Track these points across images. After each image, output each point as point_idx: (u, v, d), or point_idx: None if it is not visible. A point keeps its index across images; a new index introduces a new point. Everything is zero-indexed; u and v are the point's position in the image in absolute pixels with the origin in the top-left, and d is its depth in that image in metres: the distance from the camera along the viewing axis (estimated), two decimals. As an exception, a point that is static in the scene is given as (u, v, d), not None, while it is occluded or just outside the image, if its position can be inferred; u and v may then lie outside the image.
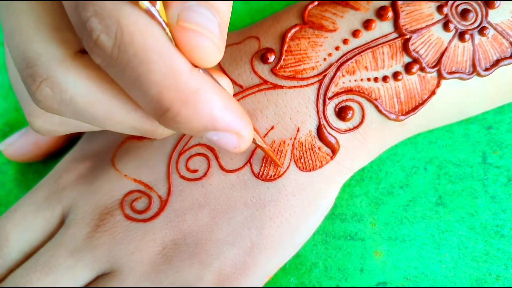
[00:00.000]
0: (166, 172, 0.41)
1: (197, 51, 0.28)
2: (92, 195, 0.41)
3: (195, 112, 0.29)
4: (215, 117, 0.30)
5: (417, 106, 0.40)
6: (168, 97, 0.28)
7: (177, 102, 0.28)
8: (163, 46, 0.27)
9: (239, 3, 0.50)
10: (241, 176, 0.40)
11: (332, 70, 0.40)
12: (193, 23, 0.28)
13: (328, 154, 0.41)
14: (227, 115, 0.30)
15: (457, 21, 0.40)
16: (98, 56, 0.28)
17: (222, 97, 0.30)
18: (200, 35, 0.28)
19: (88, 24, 0.27)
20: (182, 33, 0.28)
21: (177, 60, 0.28)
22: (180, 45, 0.28)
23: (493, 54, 0.40)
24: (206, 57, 0.29)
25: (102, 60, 0.28)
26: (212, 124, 0.30)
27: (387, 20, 0.40)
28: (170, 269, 0.39)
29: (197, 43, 0.28)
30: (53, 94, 0.30)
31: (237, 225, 0.40)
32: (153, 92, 0.28)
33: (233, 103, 0.31)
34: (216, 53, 0.29)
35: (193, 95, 0.28)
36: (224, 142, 0.32)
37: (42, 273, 0.39)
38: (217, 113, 0.30)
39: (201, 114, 0.29)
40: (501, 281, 0.42)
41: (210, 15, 0.28)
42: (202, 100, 0.29)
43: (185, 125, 0.30)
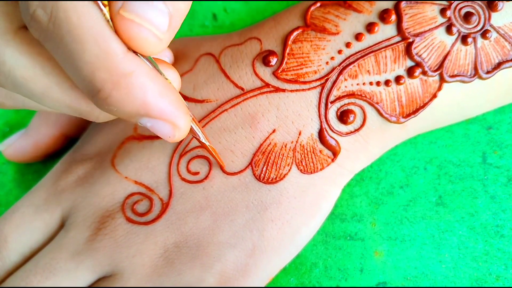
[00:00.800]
0: (167, 174, 0.41)
1: (134, 41, 0.28)
2: (93, 198, 0.41)
3: (127, 95, 0.29)
4: (148, 103, 0.30)
5: (418, 109, 0.40)
6: (99, 78, 0.28)
7: (108, 83, 0.29)
8: (98, 27, 0.28)
9: (239, 3, 0.50)
10: (243, 179, 0.40)
11: (334, 74, 0.40)
12: (133, 14, 0.28)
13: (329, 157, 0.41)
14: (161, 103, 0.31)
15: (460, 24, 0.40)
16: (35, 30, 0.28)
17: (158, 84, 0.30)
18: (138, 26, 0.28)
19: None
20: (120, 22, 0.28)
21: (111, 42, 0.28)
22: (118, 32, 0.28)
23: (495, 57, 0.40)
24: (145, 47, 0.29)
25: (39, 34, 0.28)
26: (145, 110, 0.30)
27: (390, 24, 0.40)
28: (172, 272, 0.39)
29: (134, 34, 0.28)
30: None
31: (239, 228, 0.40)
32: (85, 72, 0.28)
33: (169, 91, 0.31)
34: (157, 44, 0.29)
35: (125, 78, 0.29)
36: (158, 130, 0.32)
37: (42, 276, 0.39)
38: (150, 99, 0.30)
39: (133, 98, 0.29)
40: (501, 281, 0.42)
41: (159, 5, 0.28)
42: (134, 84, 0.29)
43: (117, 108, 0.30)
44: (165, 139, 0.33)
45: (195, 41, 0.46)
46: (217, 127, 0.41)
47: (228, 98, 0.41)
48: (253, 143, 0.41)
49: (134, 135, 0.42)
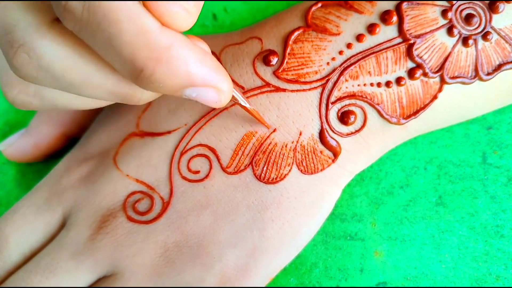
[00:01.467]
0: (168, 172, 0.41)
1: (166, 16, 0.29)
2: (94, 197, 0.41)
3: (170, 69, 0.29)
4: (191, 73, 0.30)
5: (418, 110, 0.40)
6: (141, 56, 0.29)
7: (150, 60, 0.29)
8: (132, 6, 0.28)
9: (239, 3, 0.50)
10: (243, 178, 0.40)
11: (335, 75, 0.40)
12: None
13: (329, 157, 0.41)
14: (204, 70, 0.31)
15: (461, 26, 0.40)
16: (70, 21, 0.28)
17: (197, 52, 0.30)
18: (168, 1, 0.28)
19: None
20: None
21: (146, 20, 0.28)
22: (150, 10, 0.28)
23: (496, 59, 0.40)
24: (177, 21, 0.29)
25: (74, 25, 0.28)
26: (189, 80, 0.30)
27: (392, 25, 0.40)
28: (172, 272, 0.39)
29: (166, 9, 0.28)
30: (30, 60, 0.30)
31: (239, 227, 0.40)
32: (125, 53, 0.29)
33: (208, 57, 0.31)
34: (187, 18, 0.29)
35: (165, 52, 0.29)
36: (203, 98, 0.32)
37: (43, 276, 0.39)
38: (192, 69, 0.30)
39: (176, 70, 0.30)
40: (501, 281, 0.42)
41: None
42: (175, 56, 0.29)
43: (162, 83, 0.30)
44: (212, 105, 0.33)
45: None
46: (218, 126, 0.41)
47: (228, 97, 0.41)
48: (253, 142, 0.41)
49: (136, 132, 0.42)
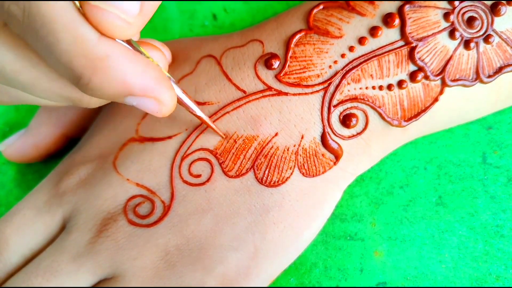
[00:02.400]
0: (169, 176, 0.41)
1: (102, 26, 0.29)
2: (94, 200, 0.41)
3: (107, 78, 0.30)
4: (128, 83, 0.31)
5: (419, 112, 0.40)
6: (78, 65, 0.29)
7: (87, 69, 0.29)
8: (69, 16, 0.28)
9: (239, 3, 0.50)
10: (245, 182, 0.40)
11: (337, 78, 0.40)
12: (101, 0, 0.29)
13: (331, 160, 0.41)
14: (142, 80, 0.31)
15: (463, 29, 0.40)
16: (14, 26, 0.29)
17: (137, 63, 0.31)
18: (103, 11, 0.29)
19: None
20: (87, 9, 0.29)
21: (83, 29, 0.29)
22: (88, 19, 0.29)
23: (497, 62, 0.40)
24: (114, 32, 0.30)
25: (18, 29, 0.29)
26: (127, 89, 0.31)
27: (394, 28, 0.40)
28: (173, 275, 0.39)
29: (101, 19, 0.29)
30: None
31: (241, 230, 0.40)
32: (63, 60, 0.29)
33: (150, 68, 0.32)
34: (126, 28, 0.30)
35: (101, 61, 0.30)
36: (143, 107, 0.33)
37: (43, 278, 0.39)
38: (130, 79, 0.31)
39: (113, 80, 0.30)
40: (501, 281, 0.42)
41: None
42: (112, 66, 0.30)
43: (100, 91, 0.31)
44: (154, 114, 0.34)
45: (195, 42, 0.46)
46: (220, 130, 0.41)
47: (230, 101, 0.41)
48: (255, 146, 0.40)
49: (135, 137, 0.42)
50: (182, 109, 0.40)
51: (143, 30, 0.51)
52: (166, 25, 0.53)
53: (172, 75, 0.43)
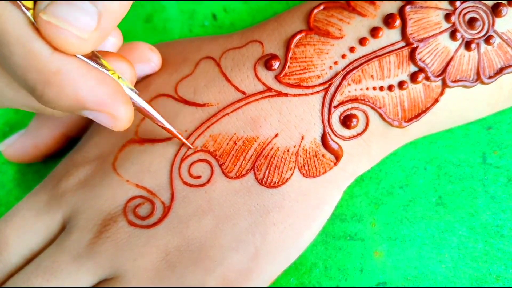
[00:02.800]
0: (168, 178, 0.41)
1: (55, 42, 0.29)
2: (94, 201, 0.41)
3: (59, 92, 0.30)
4: (81, 98, 0.31)
5: (420, 113, 0.40)
6: (30, 78, 0.30)
7: (39, 83, 0.30)
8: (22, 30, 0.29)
9: (239, 3, 0.50)
10: (245, 183, 0.40)
11: (338, 79, 0.40)
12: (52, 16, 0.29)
13: (332, 161, 0.41)
14: (95, 95, 0.32)
15: (464, 30, 0.40)
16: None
17: (90, 78, 0.31)
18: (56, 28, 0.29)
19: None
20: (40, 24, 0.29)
21: (35, 43, 0.29)
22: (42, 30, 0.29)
23: (498, 63, 0.40)
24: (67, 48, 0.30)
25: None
26: (80, 104, 0.31)
27: (395, 28, 0.40)
28: (174, 276, 0.39)
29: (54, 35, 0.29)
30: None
31: (241, 231, 0.40)
32: (18, 73, 0.30)
33: (104, 82, 0.32)
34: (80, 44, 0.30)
35: (54, 76, 0.30)
36: (99, 121, 0.33)
37: (43, 278, 0.39)
38: (82, 94, 0.31)
39: (65, 94, 0.31)
40: (501, 281, 0.42)
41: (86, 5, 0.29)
42: (64, 81, 0.30)
43: (54, 104, 0.31)
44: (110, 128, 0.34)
45: (194, 44, 0.46)
46: (219, 131, 0.41)
47: (229, 102, 0.41)
48: (255, 147, 0.40)
49: (135, 138, 0.42)
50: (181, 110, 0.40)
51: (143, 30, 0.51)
52: (165, 25, 0.52)
53: (171, 77, 0.43)
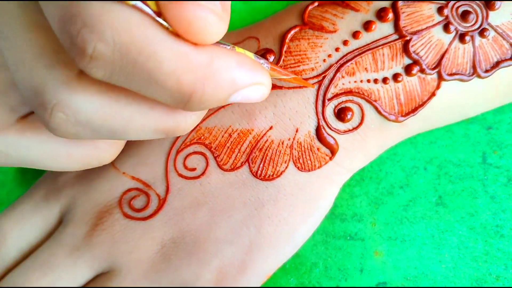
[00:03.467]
0: (164, 170, 0.41)
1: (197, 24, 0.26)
2: (91, 193, 0.41)
3: (217, 82, 0.28)
4: (236, 79, 0.29)
5: (417, 107, 0.40)
6: (188, 81, 0.27)
7: (198, 81, 0.28)
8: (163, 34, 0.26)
9: (239, 3, 0.50)
10: (240, 175, 0.41)
11: (331, 71, 0.40)
12: None
13: (327, 155, 0.41)
14: (244, 71, 0.30)
15: (457, 22, 0.40)
16: (98, 70, 0.27)
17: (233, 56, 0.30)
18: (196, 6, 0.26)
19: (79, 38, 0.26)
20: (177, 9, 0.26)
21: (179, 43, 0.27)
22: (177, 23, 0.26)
23: (494, 56, 0.40)
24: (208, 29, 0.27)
25: (104, 72, 0.27)
26: (236, 86, 0.30)
27: (388, 22, 0.40)
28: (169, 268, 0.39)
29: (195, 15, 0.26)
30: (67, 118, 0.29)
31: (236, 224, 0.40)
32: (171, 82, 0.27)
33: (242, 56, 0.30)
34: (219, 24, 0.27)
35: (208, 68, 0.28)
36: (249, 98, 0.31)
37: (41, 272, 0.39)
38: (236, 75, 0.29)
39: (223, 81, 0.29)
40: (501, 281, 0.42)
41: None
42: (219, 69, 0.28)
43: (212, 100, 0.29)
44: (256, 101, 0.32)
45: None
46: (214, 124, 0.41)
47: (225, 96, 0.41)
48: (250, 140, 0.41)
49: None
50: None
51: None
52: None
53: None
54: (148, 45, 0.26)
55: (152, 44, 0.26)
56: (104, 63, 0.26)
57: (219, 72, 0.28)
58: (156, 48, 0.26)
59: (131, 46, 0.26)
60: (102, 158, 0.36)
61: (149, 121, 0.31)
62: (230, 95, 0.30)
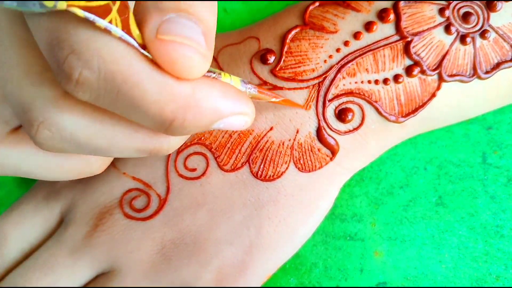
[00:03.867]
0: (164, 170, 0.41)
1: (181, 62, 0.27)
2: (91, 194, 0.41)
3: (199, 111, 0.29)
4: (219, 108, 0.30)
5: (417, 108, 0.40)
6: (169, 110, 0.28)
7: (179, 110, 0.28)
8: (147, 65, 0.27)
9: (239, 3, 0.50)
10: (240, 176, 0.41)
11: (332, 72, 0.40)
12: (173, 35, 0.27)
13: (327, 155, 0.41)
14: (228, 102, 0.31)
15: (458, 24, 0.40)
16: (84, 94, 0.28)
17: (217, 85, 0.30)
18: (181, 45, 0.27)
19: (66, 64, 0.27)
20: (162, 47, 0.27)
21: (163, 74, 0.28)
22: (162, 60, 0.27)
23: (494, 57, 0.40)
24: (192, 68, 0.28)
25: (90, 95, 0.28)
26: (218, 115, 0.30)
27: (389, 23, 0.40)
28: (169, 269, 0.39)
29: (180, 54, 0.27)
30: (52, 135, 0.30)
31: (236, 225, 0.40)
32: (153, 111, 0.28)
33: (227, 87, 0.31)
34: (202, 62, 0.28)
35: (191, 97, 0.28)
36: (231, 126, 0.32)
37: (41, 272, 0.39)
38: (219, 104, 0.30)
39: (206, 111, 0.29)
40: (501, 281, 0.42)
41: (192, 25, 0.28)
42: (202, 98, 0.29)
43: (193, 127, 0.30)
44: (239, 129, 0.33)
45: None
46: None
47: (226, 96, 0.41)
48: (250, 140, 0.41)
49: None
50: None
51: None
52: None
53: None
54: (133, 75, 0.27)
55: (136, 75, 0.27)
56: (90, 89, 0.27)
57: (201, 102, 0.29)
58: (139, 78, 0.27)
59: (116, 74, 0.27)
60: (93, 169, 0.36)
61: (132, 142, 0.32)
62: (213, 123, 0.31)
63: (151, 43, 0.27)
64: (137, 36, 0.27)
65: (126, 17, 0.27)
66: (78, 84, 0.27)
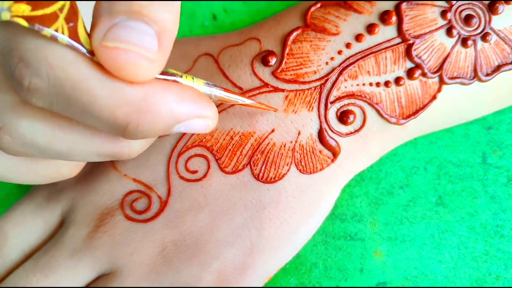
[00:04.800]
0: (165, 172, 0.41)
1: (125, 69, 0.27)
2: (92, 195, 0.41)
3: (154, 115, 0.29)
4: (175, 112, 0.30)
5: (417, 110, 0.40)
6: (122, 114, 0.28)
7: (132, 114, 0.28)
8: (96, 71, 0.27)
9: (239, 3, 0.50)
10: (241, 178, 0.41)
11: (334, 75, 0.40)
12: (117, 41, 0.27)
13: (329, 157, 0.41)
14: (185, 105, 0.30)
15: (460, 26, 0.40)
16: (37, 100, 0.28)
17: (174, 88, 0.30)
18: (125, 52, 0.27)
19: (17, 71, 0.27)
20: (106, 54, 0.27)
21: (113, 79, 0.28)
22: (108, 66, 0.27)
23: (495, 60, 0.41)
24: (137, 73, 0.28)
25: (43, 102, 0.28)
26: (175, 119, 0.30)
27: (391, 25, 0.40)
28: (170, 270, 0.39)
29: (124, 60, 0.27)
30: (13, 140, 0.30)
31: (237, 226, 0.40)
32: (106, 115, 0.28)
33: (186, 90, 0.31)
34: (150, 67, 0.28)
35: (144, 101, 0.28)
36: (192, 129, 0.32)
37: (42, 274, 0.39)
38: (175, 108, 0.30)
39: (160, 115, 0.29)
40: (501, 281, 0.42)
41: (143, 28, 0.27)
42: (155, 103, 0.29)
43: (149, 130, 0.30)
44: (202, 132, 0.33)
45: (193, 41, 0.46)
46: (215, 126, 0.41)
47: (226, 98, 0.41)
48: (252, 142, 0.41)
49: None
50: None
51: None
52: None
53: None
54: (82, 81, 0.27)
55: (85, 81, 0.27)
56: (41, 95, 0.28)
57: (155, 106, 0.29)
58: (89, 84, 0.27)
59: (65, 82, 0.27)
60: (63, 173, 0.36)
61: (92, 147, 0.32)
62: (171, 126, 0.30)
63: (97, 50, 0.27)
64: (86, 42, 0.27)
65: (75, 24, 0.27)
66: (29, 92, 0.27)
